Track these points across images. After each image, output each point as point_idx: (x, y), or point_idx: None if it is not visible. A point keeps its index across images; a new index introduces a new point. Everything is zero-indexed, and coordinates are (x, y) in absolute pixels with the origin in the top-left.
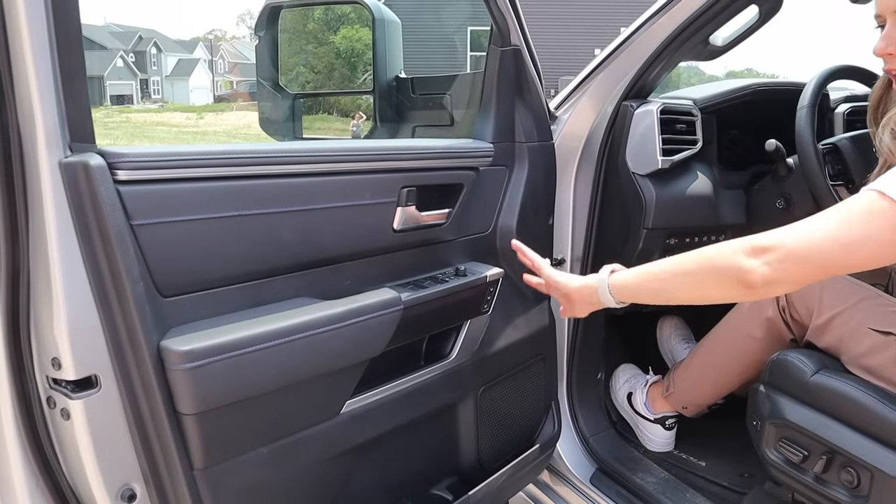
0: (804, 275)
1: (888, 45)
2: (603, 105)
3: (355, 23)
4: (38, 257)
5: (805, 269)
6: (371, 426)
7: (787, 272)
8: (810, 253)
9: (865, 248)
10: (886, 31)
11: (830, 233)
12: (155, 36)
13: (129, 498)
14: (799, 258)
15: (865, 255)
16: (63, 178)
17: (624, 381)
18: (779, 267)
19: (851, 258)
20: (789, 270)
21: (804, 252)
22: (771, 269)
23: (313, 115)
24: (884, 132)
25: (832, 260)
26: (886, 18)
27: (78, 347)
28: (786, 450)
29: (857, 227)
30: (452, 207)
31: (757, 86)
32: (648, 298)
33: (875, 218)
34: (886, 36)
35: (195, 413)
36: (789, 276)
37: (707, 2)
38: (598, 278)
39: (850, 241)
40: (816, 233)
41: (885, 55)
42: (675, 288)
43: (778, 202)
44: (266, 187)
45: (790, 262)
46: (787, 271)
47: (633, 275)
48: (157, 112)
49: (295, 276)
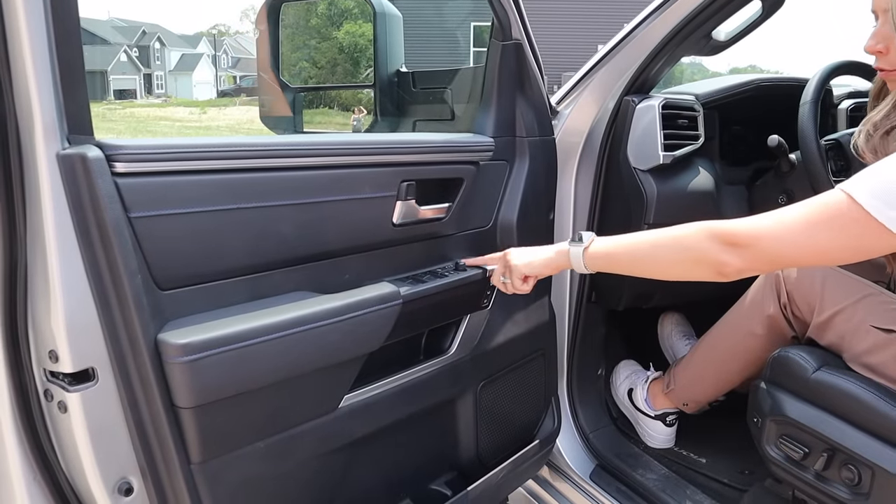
0: (775, 268)
1: (877, 43)
2: (605, 100)
3: (358, 18)
4: (36, 249)
5: (777, 265)
6: (369, 421)
7: (760, 266)
8: (783, 253)
9: (834, 249)
10: (876, 28)
11: (803, 233)
12: (158, 31)
13: (126, 491)
14: (772, 258)
15: (835, 256)
16: (61, 170)
17: (624, 377)
18: (752, 262)
19: (823, 258)
20: (761, 265)
21: (777, 252)
22: (744, 262)
23: (314, 109)
24: (860, 134)
25: (804, 258)
26: (878, 15)
27: (75, 340)
28: (787, 447)
29: (826, 229)
30: (452, 202)
31: (759, 81)
32: (619, 272)
33: (843, 221)
34: (876, 34)
35: (192, 407)
36: (761, 268)
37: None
38: (574, 247)
39: (819, 242)
40: (789, 233)
41: (875, 52)
42: (648, 269)
43: (780, 198)
44: (265, 180)
45: (763, 259)
46: (759, 265)
47: (608, 249)
48: (160, 107)
49: (294, 269)
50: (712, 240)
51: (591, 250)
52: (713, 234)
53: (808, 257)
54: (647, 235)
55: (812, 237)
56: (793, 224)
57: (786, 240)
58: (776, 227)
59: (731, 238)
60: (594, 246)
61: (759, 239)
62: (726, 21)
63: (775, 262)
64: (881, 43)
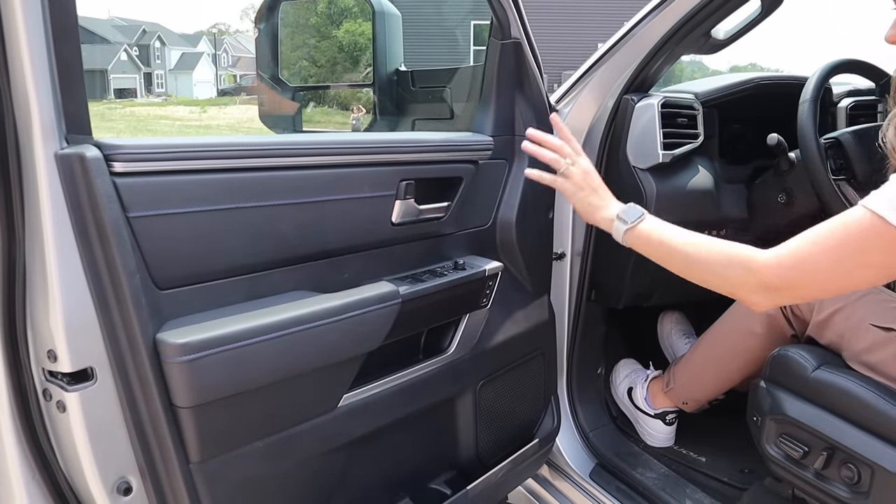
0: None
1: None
2: (604, 99)
3: (358, 17)
4: (34, 249)
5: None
6: (369, 420)
7: (788, 303)
8: (815, 294)
9: (866, 277)
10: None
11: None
12: (159, 29)
13: (125, 491)
14: (804, 296)
15: (866, 282)
16: (59, 169)
17: (624, 375)
18: (782, 302)
19: (852, 287)
20: (790, 302)
21: (810, 294)
22: (775, 303)
23: (313, 107)
24: (888, 128)
25: (833, 291)
26: None
27: (73, 340)
28: (786, 446)
29: (857, 261)
30: (451, 201)
31: (759, 80)
32: (652, 258)
33: (873, 244)
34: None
35: (191, 406)
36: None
37: None
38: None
39: (851, 274)
40: (824, 273)
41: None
42: (679, 271)
43: (780, 197)
44: (264, 180)
45: (795, 298)
46: (788, 303)
47: (650, 237)
48: (160, 106)
49: (293, 268)
50: (749, 276)
51: (635, 231)
52: (751, 272)
53: (839, 290)
54: (690, 241)
55: (846, 273)
56: (827, 263)
57: (820, 281)
58: (811, 269)
59: (769, 283)
60: (639, 228)
61: (794, 286)
62: (725, 19)
63: (806, 297)
64: None
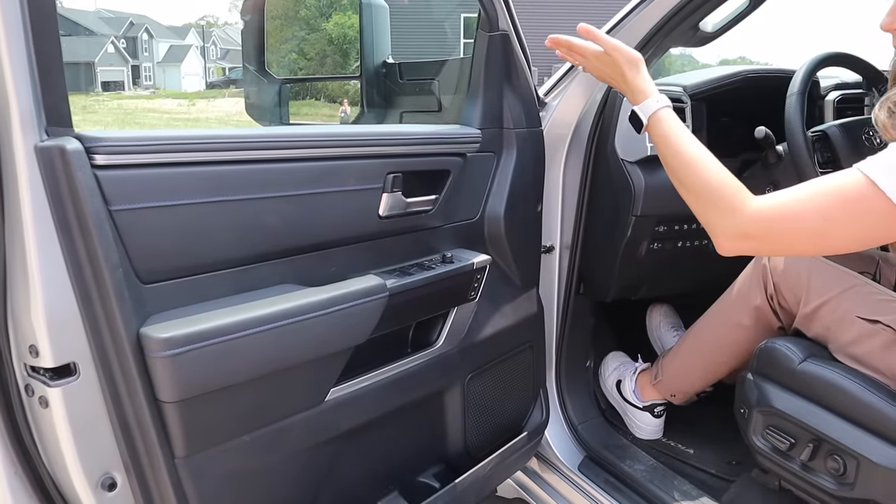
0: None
1: (893, 21)
2: (592, 92)
3: (347, 9)
4: (14, 243)
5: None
6: (356, 414)
7: (758, 254)
8: (791, 246)
9: (846, 238)
10: (893, 5)
11: (817, 225)
12: (146, 22)
13: (110, 486)
14: (778, 249)
15: (845, 245)
16: (39, 162)
17: (613, 368)
18: (751, 251)
19: (830, 248)
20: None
21: (785, 246)
22: (743, 250)
23: (301, 100)
24: (881, 110)
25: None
26: None
27: (55, 335)
28: (773, 437)
29: (842, 220)
30: (439, 194)
31: (747, 73)
32: (660, 149)
33: (860, 206)
34: (893, 10)
35: (176, 401)
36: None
37: None
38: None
39: (831, 232)
40: (805, 225)
41: (891, 30)
42: (674, 177)
43: (767, 189)
44: (249, 173)
45: (768, 250)
46: (758, 253)
47: (668, 135)
48: (148, 98)
49: (279, 262)
50: (730, 215)
51: (651, 123)
52: (734, 211)
53: (816, 248)
54: (695, 152)
55: (827, 232)
56: (812, 218)
57: (800, 234)
58: (794, 221)
59: (748, 231)
60: (662, 114)
61: (772, 236)
62: (713, 12)
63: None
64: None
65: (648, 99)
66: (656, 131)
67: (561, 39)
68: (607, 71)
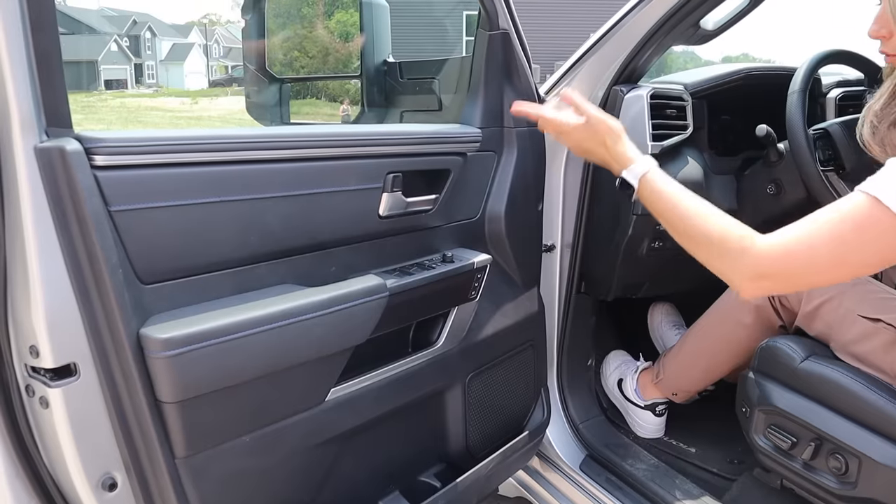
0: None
1: (880, 28)
2: (593, 90)
3: (349, 7)
4: (15, 244)
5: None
6: (357, 414)
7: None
8: (810, 281)
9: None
10: (878, 13)
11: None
12: (149, 20)
13: (111, 486)
14: (798, 285)
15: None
16: (39, 163)
17: (614, 367)
18: (773, 289)
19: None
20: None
21: (805, 281)
22: (764, 290)
23: (301, 99)
24: (863, 125)
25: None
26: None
27: (56, 335)
28: (775, 436)
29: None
30: (439, 193)
31: (748, 70)
32: (655, 210)
33: (874, 232)
34: (878, 18)
35: (176, 401)
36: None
37: None
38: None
39: (848, 261)
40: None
41: (878, 37)
42: (676, 235)
43: (769, 188)
44: (249, 173)
45: (788, 287)
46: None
47: (661, 194)
48: (151, 97)
49: (279, 262)
50: (743, 259)
51: (648, 176)
52: (746, 254)
53: (835, 278)
54: (692, 205)
55: (843, 260)
56: (825, 250)
57: (818, 268)
58: (809, 256)
59: (764, 270)
60: (650, 176)
61: (789, 273)
62: (714, 10)
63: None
64: (884, 28)
65: (634, 164)
66: (648, 193)
67: (530, 111)
68: (588, 144)
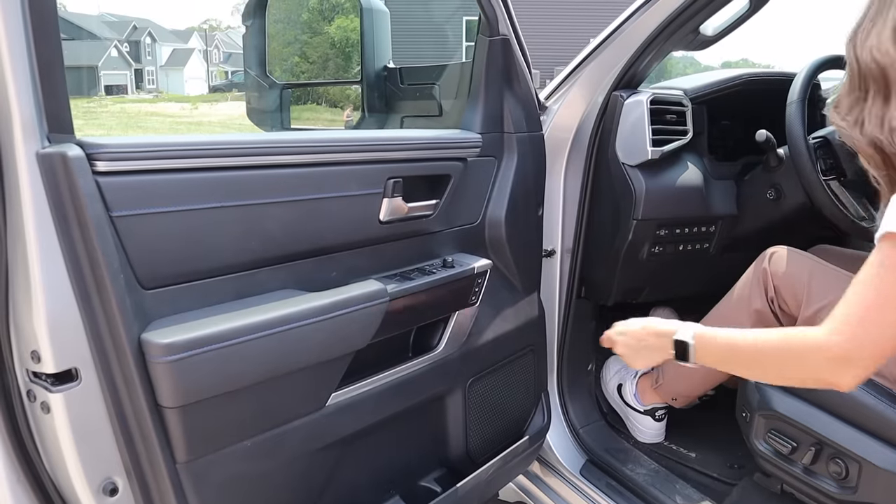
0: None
1: None
2: (593, 95)
3: (350, 13)
4: (17, 249)
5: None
6: (357, 419)
7: (873, 366)
8: (888, 349)
9: None
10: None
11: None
12: (149, 25)
13: (112, 491)
14: (882, 353)
15: None
16: (41, 169)
17: (614, 372)
18: (866, 369)
19: None
20: (874, 364)
21: (884, 347)
22: (858, 375)
23: (302, 105)
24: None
25: None
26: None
27: (57, 340)
28: (775, 441)
29: None
30: (440, 198)
31: (748, 76)
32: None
33: None
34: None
35: (177, 406)
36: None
37: None
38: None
39: None
40: (882, 323)
41: None
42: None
43: (768, 193)
44: (250, 178)
45: (875, 358)
46: (872, 366)
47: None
48: (151, 102)
49: (279, 267)
50: (822, 358)
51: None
52: (821, 352)
53: None
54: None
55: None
56: (879, 313)
57: (886, 330)
58: (869, 325)
59: (841, 357)
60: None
61: (863, 347)
62: (714, 16)
63: (886, 354)
64: None
65: (679, 330)
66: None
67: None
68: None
